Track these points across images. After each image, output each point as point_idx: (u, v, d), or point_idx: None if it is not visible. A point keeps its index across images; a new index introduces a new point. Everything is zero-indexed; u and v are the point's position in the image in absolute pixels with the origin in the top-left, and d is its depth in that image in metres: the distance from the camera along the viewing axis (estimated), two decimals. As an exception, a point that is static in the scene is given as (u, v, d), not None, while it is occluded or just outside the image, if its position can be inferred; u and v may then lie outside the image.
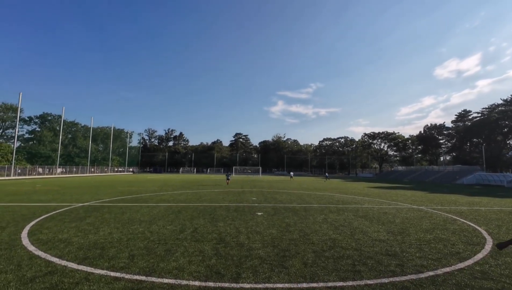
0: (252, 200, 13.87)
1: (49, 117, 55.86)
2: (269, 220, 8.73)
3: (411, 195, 19.17)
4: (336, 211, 10.81)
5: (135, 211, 10.04)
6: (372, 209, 11.71)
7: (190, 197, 15.13)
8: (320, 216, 9.51)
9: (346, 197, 16.58)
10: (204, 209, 10.65)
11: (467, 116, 73.81)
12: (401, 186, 30.99)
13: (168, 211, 10.15)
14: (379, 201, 14.63)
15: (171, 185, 24.82)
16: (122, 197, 14.47)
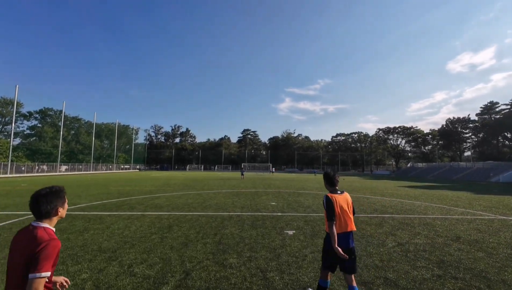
0: (272, 206, 10.48)
1: (50, 112, 53.77)
2: (312, 246, 5.31)
3: (464, 197, 15.39)
4: (405, 226, 7.29)
5: (104, 227, 6.79)
6: (454, 223, 8.12)
7: (191, 200, 11.87)
8: (388, 238, 6.02)
9: (392, 201, 12.98)
10: (207, 224, 7.31)
11: (494, 108, 68.14)
12: (435, 185, 27.02)
13: (153, 227, 6.86)
14: (441, 208, 10.98)
15: (173, 184, 21.72)
16: (105, 201, 11.34)
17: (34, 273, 1.44)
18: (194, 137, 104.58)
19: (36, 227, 1.61)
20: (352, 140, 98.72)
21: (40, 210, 1.65)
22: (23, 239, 1.58)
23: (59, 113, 53.49)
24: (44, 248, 1.50)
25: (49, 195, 1.69)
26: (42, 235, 1.56)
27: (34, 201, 1.66)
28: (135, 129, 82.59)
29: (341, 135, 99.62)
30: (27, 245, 1.53)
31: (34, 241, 1.53)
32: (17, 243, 1.59)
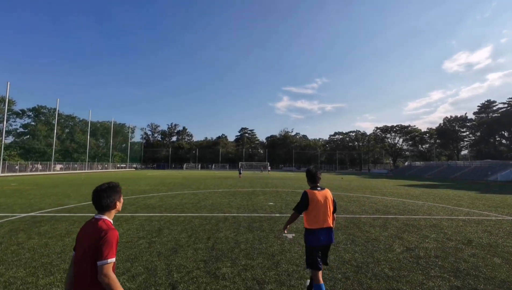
0: (269, 207, 10.02)
1: (43, 110, 52.67)
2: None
3: (466, 197, 15.05)
4: (411, 228, 6.85)
5: (89, 230, 6.28)
6: (462, 225, 7.71)
7: (185, 200, 11.36)
8: (395, 242, 5.57)
9: (393, 200, 12.58)
10: (200, 226, 6.82)
11: (491, 107, 68.24)
12: (435, 184, 26.77)
13: (141, 230, 6.36)
14: (445, 208, 10.59)
15: (168, 183, 21.17)
16: (95, 202, 10.77)
17: (101, 260, 1.59)
18: (191, 135, 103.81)
19: (98, 220, 1.77)
20: (350, 139, 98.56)
21: (101, 203, 1.81)
22: (87, 231, 1.73)
23: (53, 111, 52.47)
24: (105, 237, 1.64)
25: (108, 190, 1.87)
26: (102, 226, 1.71)
27: (96, 196, 1.83)
28: (131, 127, 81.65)
29: (339, 133, 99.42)
30: (90, 236, 1.68)
31: (96, 232, 1.68)
32: (82, 235, 1.75)
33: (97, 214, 1.82)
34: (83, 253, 1.67)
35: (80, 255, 1.68)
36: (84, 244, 1.69)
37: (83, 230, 1.78)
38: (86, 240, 1.69)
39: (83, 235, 1.74)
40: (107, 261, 1.60)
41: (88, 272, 1.63)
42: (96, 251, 1.62)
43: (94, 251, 1.63)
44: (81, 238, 1.75)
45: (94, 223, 1.76)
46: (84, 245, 1.69)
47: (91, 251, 1.63)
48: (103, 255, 1.60)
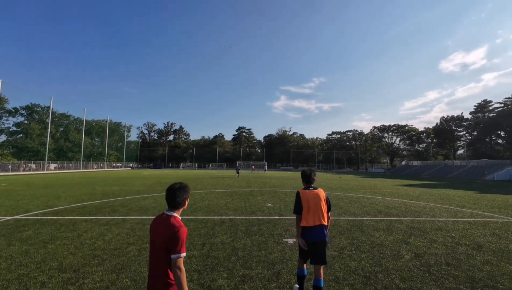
0: (268, 208, 9.66)
1: (37, 108, 51.59)
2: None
3: (467, 197, 14.84)
4: (416, 232, 6.53)
5: (75, 235, 5.86)
6: (468, 227, 7.42)
7: (180, 202, 10.94)
8: (402, 248, 5.24)
9: (394, 201, 12.30)
10: (195, 230, 6.43)
11: (487, 107, 68.58)
12: (433, 184, 26.64)
13: (132, 234, 5.96)
14: (448, 210, 10.32)
15: (164, 183, 20.72)
16: (86, 203, 10.35)
17: (175, 254, 1.78)
18: (188, 134, 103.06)
19: (169, 216, 1.93)
20: (347, 138, 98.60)
21: (174, 201, 2.00)
22: (160, 226, 1.90)
23: (46, 109, 51.47)
24: (177, 234, 1.81)
25: (181, 190, 2.04)
26: (174, 223, 1.87)
27: (170, 194, 2.01)
28: (127, 126, 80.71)
29: (336, 133, 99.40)
30: (164, 231, 1.85)
31: (170, 228, 1.84)
32: (156, 229, 1.93)
33: (168, 210, 2.02)
34: (158, 246, 1.87)
35: (155, 248, 1.89)
36: (158, 238, 1.88)
37: (156, 224, 1.97)
38: (160, 234, 1.88)
39: (157, 230, 1.93)
40: (180, 255, 1.80)
41: (162, 263, 1.83)
42: (169, 245, 1.80)
43: (167, 245, 1.81)
44: (155, 232, 1.94)
45: (166, 219, 1.94)
46: (158, 239, 1.87)
47: (165, 245, 1.82)
48: (176, 250, 1.79)
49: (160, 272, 1.85)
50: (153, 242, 1.92)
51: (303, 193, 3.26)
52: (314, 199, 3.20)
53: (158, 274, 1.85)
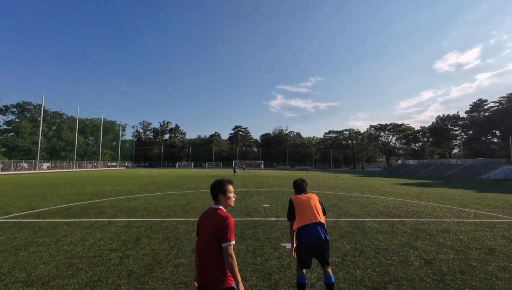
0: (264, 209, 9.21)
1: (28, 106, 50.42)
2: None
3: (468, 196, 14.59)
4: (422, 234, 6.12)
5: (53, 241, 5.35)
6: (475, 229, 7.04)
7: (173, 202, 10.46)
8: (410, 253, 4.82)
9: (394, 201, 11.94)
10: (185, 234, 5.95)
11: (482, 106, 68.98)
12: (431, 183, 26.49)
13: (116, 239, 5.46)
14: (450, 210, 9.98)
15: (158, 183, 20.17)
16: (72, 204, 9.80)
17: (226, 242, 1.90)
18: (184, 133, 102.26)
19: (216, 209, 2.08)
20: (344, 137, 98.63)
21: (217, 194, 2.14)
22: (209, 219, 2.04)
23: (38, 108, 50.35)
24: (226, 223, 1.94)
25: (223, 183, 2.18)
26: (221, 214, 2.03)
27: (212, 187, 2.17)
28: (122, 125, 79.62)
29: (333, 132, 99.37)
30: (213, 223, 1.99)
31: (219, 219, 1.98)
32: (205, 222, 2.06)
33: (214, 205, 2.13)
34: (208, 237, 1.96)
35: (205, 239, 1.98)
36: (208, 230, 1.98)
37: (205, 218, 2.08)
38: (210, 226, 1.98)
39: (206, 222, 2.04)
40: (230, 243, 1.90)
41: (213, 252, 1.92)
42: (220, 235, 1.90)
43: (218, 235, 1.91)
44: (203, 225, 2.05)
45: (213, 212, 2.06)
46: (208, 230, 1.98)
47: (215, 235, 1.92)
48: (227, 238, 1.89)
49: (212, 262, 1.93)
50: (203, 234, 2.03)
51: (295, 198, 3.23)
52: (307, 200, 3.18)
53: (210, 264, 1.94)
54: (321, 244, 2.95)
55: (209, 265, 1.92)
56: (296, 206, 3.14)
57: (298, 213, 3.09)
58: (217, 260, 1.91)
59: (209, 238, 1.96)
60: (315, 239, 2.93)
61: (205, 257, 1.95)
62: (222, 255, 1.90)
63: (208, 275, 1.92)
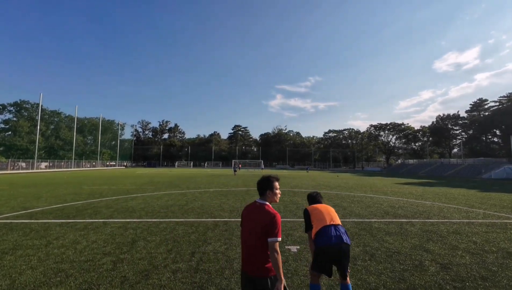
0: (266, 209, 8.89)
1: (26, 105, 49.92)
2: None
3: (472, 196, 14.32)
4: (433, 236, 5.83)
5: (43, 243, 5.03)
6: (486, 231, 6.76)
7: (171, 202, 10.15)
8: (424, 257, 4.52)
9: (399, 200, 11.65)
10: (184, 236, 5.64)
11: (483, 106, 68.83)
12: (433, 182, 26.24)
13: (111, 242, 5.14)
14: (457, 210, 9.70)
15: (157, 182, 19.84)
16: (68, 204, 9.48)
17: (273, 237, 1.96)
18: (183, 133, 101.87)
19: (262, 204, 2.14)
20: (343, 137, 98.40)
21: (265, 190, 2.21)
22: (255, 213, 2.11)
23: (36, 106, 49.88)
24: (274, 220, 1.99)
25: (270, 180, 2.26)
26: (269, 210, 2.08)
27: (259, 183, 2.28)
28: (120, 124, 79.16)
29: (332, 131, 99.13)
30: (261, 218, 2.04)
31: (267, 215, 2.03)
32: (250, 216, 2.13)
33: (260, 199, 2.23)
34: (254, 231, 2.04)
35: (251, 231, 2.07)
36: (253, 223, 2.08)
37: (250, 211, 2.18)
38: (256, 219, 2.07)
39: (252, 215, 2.13)
40: (277, 239, 1.98)
41: (258, 245, 2.00)
42: (268, 230, 1.98)
43: (265, 230, 1.98)
44: (248, 217, 2.15)
45: (260, 206, 2.14)
46: (254, 223, 2.07)
47: (262, 229, 1.99)
48: (274, 234, 1.97)
49: (256, 254, 2.00)
50: (248, 227, 2.10)
51: (310, 207, 3.03)
52: (322, 207, 3.00)
53: (253, 255, 2.01)
54: (344, 248, 2.64)
55: (253, 256, 2.03)
56: (312, 213, 2.92)
57: (315, 219, 2.85)
58: (261, 252, 1.99)
59: (255, 231, 2.03)
60: (337, 242, 2.62)
61: (249, 248, 2.06)
62: (266, 248, 1.98)
63: (251, 264, 2.03)
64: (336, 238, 2.62)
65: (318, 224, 2.79)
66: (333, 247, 2.60)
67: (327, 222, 2.75)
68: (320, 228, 2.74)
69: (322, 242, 2.65)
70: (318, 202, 3.17)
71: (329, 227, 2.71)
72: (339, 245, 2.60)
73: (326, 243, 2.61)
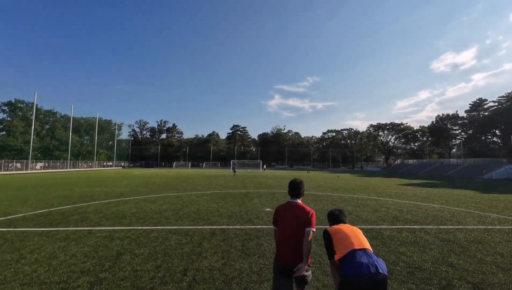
0: (267, 215, 8.30)
1: (20, 104, 48.97)
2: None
3: (480, 198, 13.81)
4: (453, 247, 5.26)
5: (15, 258, 4.40)
6: (508, 239, 6.20)
7: (166, 206, 9.53)
8: (450, 274, 3.94)
9: (405, 203, 11.09)
10: (176, 248, 5.03)
11: (482, 106, 68.63)
12: (435, 183, 25.76)
13: (93, 255, 4.52)
14: (470, 214, 9.14)
15: (152, 184, 19.20)
16: (54, 209, 8.84)
17: (310, 227, 2.41)
18: (181, 133, 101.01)
19: (298, 203, 2.60)
20: (342, 137, 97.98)
21: (299, 192, 2.67)
22: (293, 211, 2.52)
23: (31, 106, 48.97)
24: (312, 215, 2.47)
25: (301, 183, 2.72)
26: (305, 207, 2.54)
27: (297, 186, 2.69)
28: (118, 124, 78.25)
29: (331, 131, 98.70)
30: (300, 213, 2.48)
31: (305, 212, 2.48)
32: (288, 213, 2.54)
33: (293, 199, 2.66)
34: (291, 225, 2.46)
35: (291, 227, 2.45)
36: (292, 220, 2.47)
37: (287, 210, 2.58)
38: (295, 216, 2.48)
39: (290, 214, 2.52)
40: (313, 229, 2.41)
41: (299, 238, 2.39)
42: (306, 223, 2.42)
43: (303, 223, 2.42)
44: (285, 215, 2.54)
45: (295, 205, 2.58)
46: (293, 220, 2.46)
47: (301, 223, 2.43)
48: (311, 224, 2.42)
49: (294, 243, 2.40)
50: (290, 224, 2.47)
51: (331, 228, 2.48)
52: (347, 227, 2.42)
53: (295, 247, 2.39)
54: (380, 280, 1.97)
55: (295, 247, 2.38)
56: (335, 236, 2.33)
57: (339, 243, 2.25)
58: (298, 243, 2.38)
59: (296, 227, 2.42)
60: (370, 272, 1.98)
61: (292, 243, 2.40)
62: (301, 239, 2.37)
63: (294, 255, 2.36)
64: (368, 267, 2.00)
65: (343, 249, 2.20)
66: (364, 278, 1.96)
67: (355, 247, 2.17)
68: (346, 253, 2.15)
69: (350, 271, 2.03)
70: (341, 221, 2.62)
71: (358, 253, 2.12)
72: (374, 275, 1.97)
73: (356, 273, 1.99)
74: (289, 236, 2.41)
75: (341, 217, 2.66)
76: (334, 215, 2.70)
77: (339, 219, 2.63)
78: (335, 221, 2.64)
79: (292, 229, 2.41)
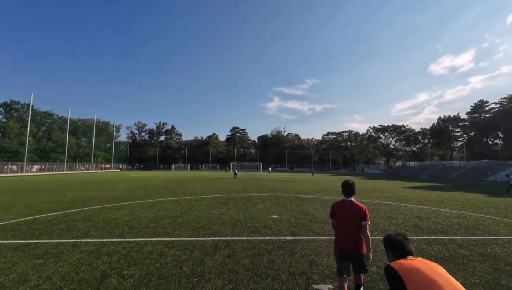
0: (274, 222, 7.51)
1: (16, 105, 48.12)
2: None
3: (495, 202, 13.07)
4: (497, 263, 4.49)
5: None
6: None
7: (163, 213, 8.72)
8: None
9: (421, 209, 10.32)
10: (174, 265, 4.23)
11: (483, 107, 68.14)
12: (439, 186, 25.02)
13: (73, 277, 3.72)
14: (495, 222, 8.39)
15: (150, 187, 18.37)
16: (40, 216, 8.03)
17: (365, 221, 2.96)
18: (180, 135, 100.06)
19: (352, 201, 3.12)
20: (343, 139, 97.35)
21: (352, 191, 3.17)
22: (349, 208, 3.06)
23: (26, 107, 48.11)
24: (365, 210, 2.99)
25: (354, 183, 3.22)
26: (359, 204, 3.05)
27: (350, 187, 3.21)
28: (116, 126, 77.33)
29: (331, 133, 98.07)
30: (356, 210, 3.02)
31: (358, 207, 3.03)
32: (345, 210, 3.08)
33: (347, 197, 3.18)
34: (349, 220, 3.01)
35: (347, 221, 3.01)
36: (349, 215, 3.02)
37: (343, 206, 3.12)
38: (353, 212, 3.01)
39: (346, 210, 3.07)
40: (368, 222, 2.96)
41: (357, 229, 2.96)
42: (362, 217, 2.96)
43: (360, 218, 2.96)
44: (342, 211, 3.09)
45: (350, 203, 3.11)
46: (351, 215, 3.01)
47: (358, 217, 2.97)
48: (367, 219, 2.96)
49: (355, 235, 2.96)
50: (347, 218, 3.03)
51: (400, 266, 1.62)
52: (424, 265, 1.60)
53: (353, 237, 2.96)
54: None
55: (353, 237, 2.96)
56: (410, 280, 1.51)
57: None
58: (358, 234, 2.96)
59: (353, 221, 2.99)
60: None
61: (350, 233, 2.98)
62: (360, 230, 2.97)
63: (353, 243, 2.96)
64: None
65: None
66: None
67: None
68: None
69: None
70: (408, 253, 1.80)
71: None
72: None
73: None
74: (347, 228, 3.00)
75: (408, 246, 1.83)
76: (398, 243, 1.85)
77: (406, 250, 1.81)
78: (399, 249, 1.83)
79: (350, 223, 3.00)
